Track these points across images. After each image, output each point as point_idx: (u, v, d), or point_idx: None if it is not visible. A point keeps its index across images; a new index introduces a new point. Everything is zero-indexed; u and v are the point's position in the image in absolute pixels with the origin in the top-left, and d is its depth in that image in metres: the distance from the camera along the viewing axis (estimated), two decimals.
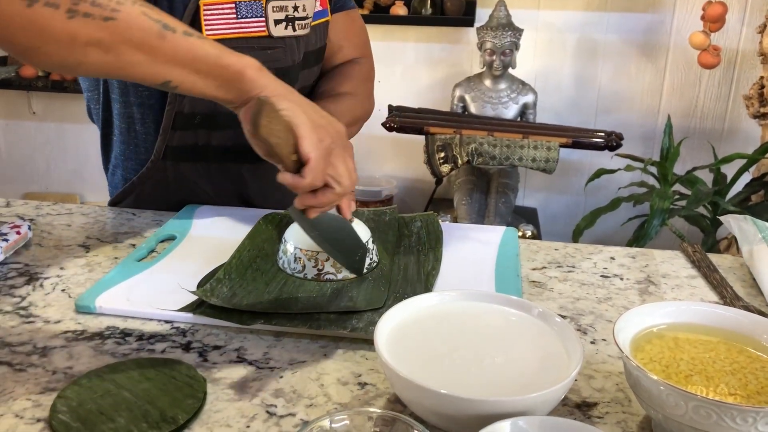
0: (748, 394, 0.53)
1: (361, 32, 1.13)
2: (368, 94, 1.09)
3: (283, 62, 0.96)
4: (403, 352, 0.59)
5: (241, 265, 0.81)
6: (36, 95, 2.87)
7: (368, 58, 1.13)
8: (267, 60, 0.87)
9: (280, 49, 0.95)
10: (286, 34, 0.95)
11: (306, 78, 1.05)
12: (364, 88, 1.08)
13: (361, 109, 1.05)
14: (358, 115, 1.03)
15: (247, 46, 0.91)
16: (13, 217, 1.00)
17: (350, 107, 1.00)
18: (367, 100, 1.08)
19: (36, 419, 0.57)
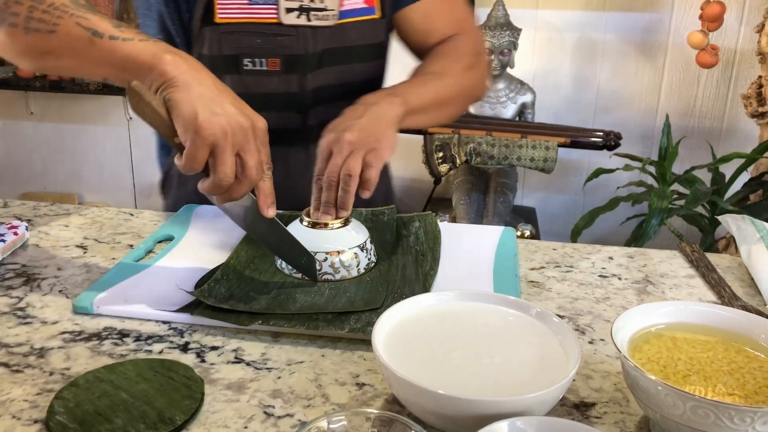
0: (746, 393, 0.53)
1: (449, 11, 1.08)
2: (462, 70, 1.02)
3: (294, 50, 0.97)
4: (401, 352, 0.59)
5: (239, 266, 0.81)
6: (34, 95, 2.87)
7: (465, 33, 1.08)
8: (277, 46, 0.96)
9: (291, 37, 0.96)
10: (299, 23, 0.96)
11: (354, 72, 1.03)
12: (457, 65, 1.01)
13: (451, 88, 1.00)
14: (446, 94, 0.99)
15: (257, 32, 0.95)
16: (10, 218, 1.00)
17: (429, 87, 0.96)
18: (460, 77, 1.01)
19: (33, 420, 0.57)
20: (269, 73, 0.97)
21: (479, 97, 1.08)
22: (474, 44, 1.07)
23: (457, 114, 1.05)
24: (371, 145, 0.79)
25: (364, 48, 1.03)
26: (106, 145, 2.92)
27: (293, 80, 0.99)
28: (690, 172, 2.24)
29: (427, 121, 0.97)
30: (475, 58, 1.05)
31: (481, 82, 1.07)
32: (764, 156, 2.13)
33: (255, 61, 0.96)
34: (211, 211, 1.01)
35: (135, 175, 2.94)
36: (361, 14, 1.02)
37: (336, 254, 0.79)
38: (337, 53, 1.01)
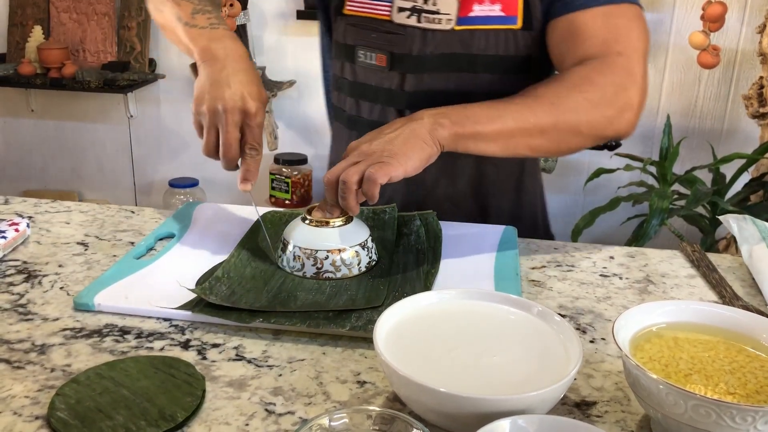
0: (747, 393, 0.53)
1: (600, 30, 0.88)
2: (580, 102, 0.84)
3: (400, 48, 0.98)
4: (403, 350, 0.59)
5: (240, 264, 0.81)
6: (35, 93, 2.86)
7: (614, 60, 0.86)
8: (385, 43, 0.99)
9: (399, 35, 0.97)
10: (409, 23, 0.97)
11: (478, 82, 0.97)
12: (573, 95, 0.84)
13: (545, 117, 0.82)
14: (532, 124, 0.82)
15: (373, 27, 0.99)
16: (11, 215, 1.00)
17: (505, 112, 0.82)
18: (569, 109, 0.83)
19: (34, 417, 0.57)
20: (376, 67, 1.01)
21: (609, 136, 0.86)
22: (619, 76, 0.85)
23: (557, 149, 0.87)
24: (380, 159, 0.74)
25: (493, 58, 0.96)
26: (107, 143, 2.91)
27: (394, 78, 1.00)
28: (691, 173, 2.24)
29: (500, 151, 0.83)
30: (613, 91, 0.85)
31: (612, 120, 0.85)
32: (765, 157, 2.12)
33: (367, 54, 1.01)
34: (212, 209, 1.01)
35: (135, 173, 2.94)
36: (495, 23, 0.95)
37: (337, 252, 0.79)
38: (457, 59, 0.97)
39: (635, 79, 0.86)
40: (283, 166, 2.65)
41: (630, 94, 0.85)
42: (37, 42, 2.68)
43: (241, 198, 3.09)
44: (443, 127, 0.79)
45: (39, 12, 2.73)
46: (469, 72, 0.97)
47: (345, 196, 0.75)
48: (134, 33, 2.67)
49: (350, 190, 0.74)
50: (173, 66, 2.74)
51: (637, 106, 0.86)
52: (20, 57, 2.70)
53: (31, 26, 2.71)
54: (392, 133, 0.78)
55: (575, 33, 0.90)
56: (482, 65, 0.97)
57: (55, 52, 2.63)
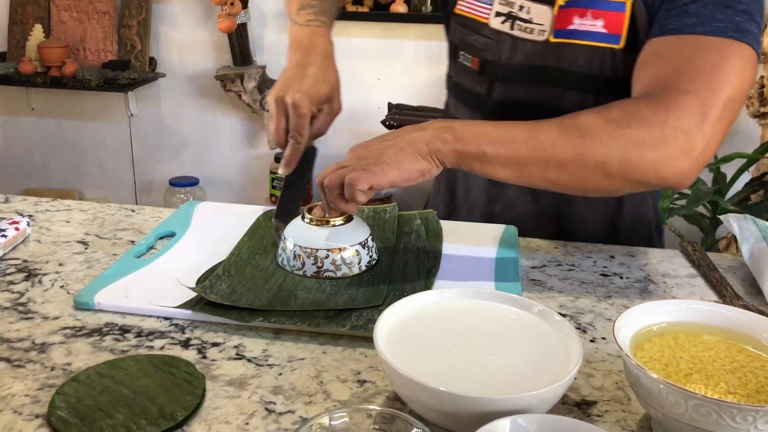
0: (747, 392, 0.53)
1: (666, 64, 0.76)
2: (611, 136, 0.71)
3: (490, 54, 0.96)
4: (403, 349, 0.59)
5: (240, 262, 0.81)
6: (35, 91, 2.86)
7: (667, 92, 0.73)
8: (480, 46, 0.98)
9: (492, 41, 0.96)
10: (502, 29, 0.94)
11: (567, 99, 0.91)
12: (605, 127, 0.72)
13: (565, 149, 0.72)
14: (547, 154, 0.72)
15: (473, 29, 0.98)
16: (12, 213, 1.00)
17: (518, 136, 0.73)
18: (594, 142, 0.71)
19: (35, 415, 0.57)
20: (469, 70, 1.00)
21: (652, 184, 0.73)
22: (680, 118, 0.71)
23: (581, 187, 0.74)
24: (365, 167, 0.72)
25: (587, 77, 0.89)
26: (107, 142, 2.91)
27: (483, 84, 0.99)
28: None
29: (513, 179, 0.75)
30: (664, 133, 0.71)
31: (655, 165, 0.71)
32: (766, 156, 2.12)
33: (465, 55, 1.01)
34: (212, 207, 1.01)
35: (136, 172, 2.94)
36: (596, 39, 0.87)
37: (338, 251, 0.79)
38: (547, 72, 0.91)
39: (703, 124, 0.71)
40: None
41: (690, 139, 0.71)
42: (37, 40, 2.68)
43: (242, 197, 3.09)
44: (445, 142, 0.73)
45: (39, 10, 2.73)
46: (558, 87, 0.92)
47: (329, 198, 0.75)
48: (135, 31, 2.66)
49: (332, 194, 0.75)
50: (174, 65, 2.74)
51: (695, 155, 0.71)
52: (21, 55, 2.70)
53: (32, 25, 2.71)
54: (390, 141, 0.76)
55: (656, 58, 0.78)
56: (574, 82, 0.90)
57: (56, 51, 2.63)
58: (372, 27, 2.58)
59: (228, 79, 2.58)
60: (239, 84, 2.57)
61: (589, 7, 0.87)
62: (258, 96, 2.60)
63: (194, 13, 2.69)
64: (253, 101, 2.60)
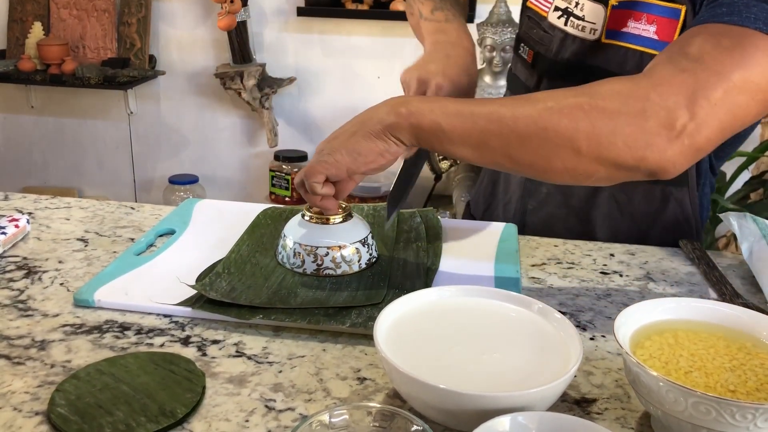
0: (747, 390, 0.53)
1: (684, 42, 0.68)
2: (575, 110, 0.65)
3: (543, 48, 0.97)
4: (403, 347, 0.59)
5: (240, 260, 0.81)
6: (35, 89, 2.86)
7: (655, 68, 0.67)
8: (537, 39, 0.99)
9: (547, 35, 0.97)
10: (557, 24, 0.95)
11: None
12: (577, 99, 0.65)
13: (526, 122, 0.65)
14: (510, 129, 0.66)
15: (537, 22, 0.99)
16: (11, 211, 1.00)
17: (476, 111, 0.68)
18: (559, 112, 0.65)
19: (34, 412, 0.57)
20: (525, 62, 1.02)
21: (629, 165, 0.64)
22: (671, 92, 0.63)
23: (548, 167, 0.67)
24: (318, 159, 0.71)
25: None
26: (107, 140, 2.91)
27: (533, 78, 0.99)
28: None
29: (474, 158, 0.69)
30: (647, 106, 0.63)
31: (634, 143, 0.63)
32: (765, 155, 2.12)
33: (524, 47, 1.02)
34: (212, 205, 1.01)
35: (135, 169, 2.94)
36: (647, 45, 0.85)
37: (337, 249, 0.79)
38: (594, 74, 0.78)
39: (693, 102, 0.62)
40: (283, 162, 2.64)
41: (673, 116, 0.62)
42: (37, 38, 2.67)
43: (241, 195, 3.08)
44: (399, 116, 0.68)
45: (39, 8, 2.72)
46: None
47: (305, 198, 0.76)
48: (134, 29, 2.66)
49: (302, 192, 0.75)
50: (173, 62, 2.74)
51: (680, 135, 0.62)
52: (20, 53, 2.70)
53: (31, 22, 2.71)
54: (345, 127, 0.73)
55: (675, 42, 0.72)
56: None
57: (55, 49, 2.62)
58: (372, 25, 2.58)
59: (228, 77, 2.58)
60: (239, 82, 2.57)
61: (644, 11, 0.85)
62: (258, 94, 2.60)
63: (194, 11, 2.69)
64: (252, 99, 2.60)
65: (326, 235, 0.80)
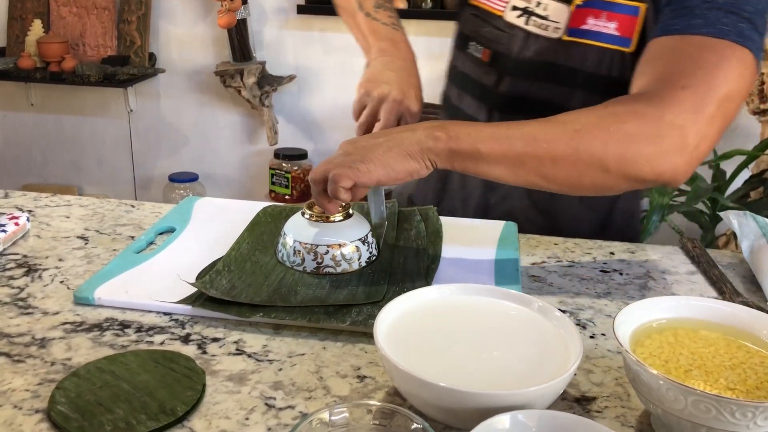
0: (747, 389, 0.53)
1: (674, 61, 0.75)
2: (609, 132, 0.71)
3: (502, 47, 0.98)
4: (403, 345, 0.59)
5: (240, 258, 0.81)
6: (34, 87, 2.86)
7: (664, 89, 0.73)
8: (492, 38, 1.00)
9: (505, 34, 0.97)
10: (517, 23, 0.95)
11: (575, 99, 0.92)
12: (602, 124, 0.71)
13: (560, 146, 0.71)
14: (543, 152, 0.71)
15: (487, 20, 1.00)
16: (11, 209, 1.00)
17: (512, 134, 0.72)
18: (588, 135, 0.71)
19: (35, 410, 0.57)
20: (479, 61, 1.01)
21: (648, 180, 0.72)
22: (676, 113, 0.70)
23: (578, 184, 0.73)
24: (351, 164, 0.71)
25: (595, 77, 0.90)
26: (107, 138, 2.91)
27: (492, 76, 1.00)
28: None
29: (508, 178, 0.73)
30: (660, 127, 0.71)
31: (650, 160, 0.70)
32: (765, 153, 2.12)
33: (476, 46, 1.02)
34: (212, 203, 1.01)
35: (135, 167, 2.94)
36: (607, 41, 0.89)
37: (337, 247, 0.79)
38: (556, 70, 0.92)
39: (697, 119, 0.70)
40: (283, 161, 2.64)
41: (684, 134, 0.70)
42: (36, 36, 2.67)
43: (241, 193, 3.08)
44: (438, 140, 0.72)
45: (39, 5, 2.72)
46: (566, 85, 0.92)
47: (314, 195, 0.75)
48: (134, 27, 2.66)
49: (317, 189, 0.74)
50: (173, 60, 2.74)
51: (690, 150, 0.71)
52: (20, 51, 2.69)
53: (31, 20, 2.70)
54: (380, 140, 0.75)
55: (658, 57, 0.77)
56: (582, 81, 0.91)
57: (55, 46, 2.62)
58: None
59: (227, 75, 2.58)
60: (239, 80, 2.57)
61: (604, 9, 0.88)
62: (258, 92, 2.60)
63: (194, 9, 2.68)
64: (252, 97, 2.60)
65: (326, 234, 0.80)
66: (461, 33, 1.06)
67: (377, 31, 0.95)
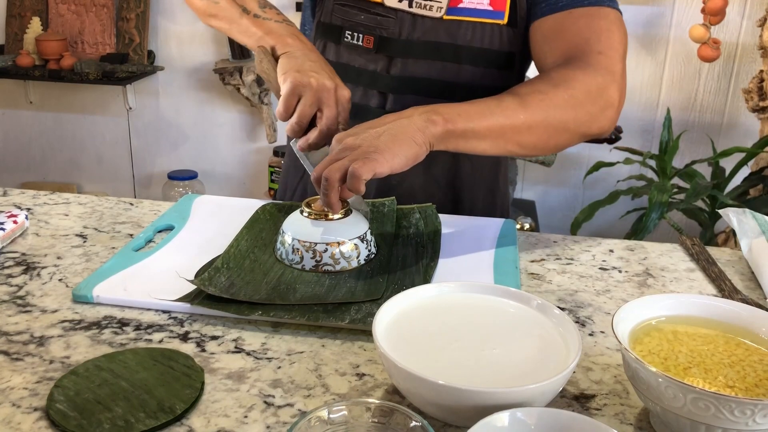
0: (746, 386, 0.53)
1: (574, 35, 0.90)
2: (563, 101, 0.83)
3: (389, 32, 1.00)
4: (402, 343, 0.59)
5: (239, 255, 0.81)
6: (33, 84, 2.86)
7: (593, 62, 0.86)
8: (375, 25, 1.01)
9: (389, 19, 0.99)
10: (400, 7, 0.99)
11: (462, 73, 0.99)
12: (557, 94, 0.83)
13: (532, 116, 0.81)
14: (521, 122, 0.81)
15: (363, 8, 1.00)
16: (10, 207, 1.00)
17: (493, 110, 0.80)
18: (553, 107, 0.83)
19: (33, 408, 0.57)
20: (363, 49, 1.02)
21: (593, 134, 0.86)
22: (601, 75, 0.85)
23: (545, 146, 0.85)
24: (365, 155, 0.72)
25: (478, 51, 0.98)
26: (106, 135, 2.91)
27: (381, 61, 1.01)
28: (690, 166, 2.24)
29: (490, 149, 0.81)
30: (595, 89, 0.85)
31: (596, 117, 0.85)
32: (765, 150, 2.12)
33: (354, 35, 1.02)
34: (211, 201, 1.00)
35: (134, 165, 2.93)
36: (481, 16, 0.97)
37: (336, 245, 0.79)
38: (442, 48, 0.99)
39: (615, 77, 0.86)
40: (282, 158, 2.64)
41: (611, 92, 0.86)
42: (35, 33, 2.67)
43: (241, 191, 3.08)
44: (435, 124, 0.76)
45: (37, 3, 2.72)
46: (453, 62, 0.99)
47: (326, 192, 0.73)
48: (133, 24, 2.66)
49: (332, 187, 0.73)
50: (172, 58, 2.74)
51: (617, 103, 0.86)
52: (19, 48, 2.69)
53: (30, 17, 2.70)
54: (381, 128, 0.76)
55: (559, 32, 0.92)
56: (466, 57, 0.99)
57: (54, 44, 2.62)
58: None
59: (227, 73, 2.57)
60: (238, 77, 2.56)
61: None
62: (257, 89, 2.60)
63: None
64: (251, 95, 2.60)
65: (325, 231, 0.79)
66: (328, 25, 1.03)
67: (273, 29, 0.93)
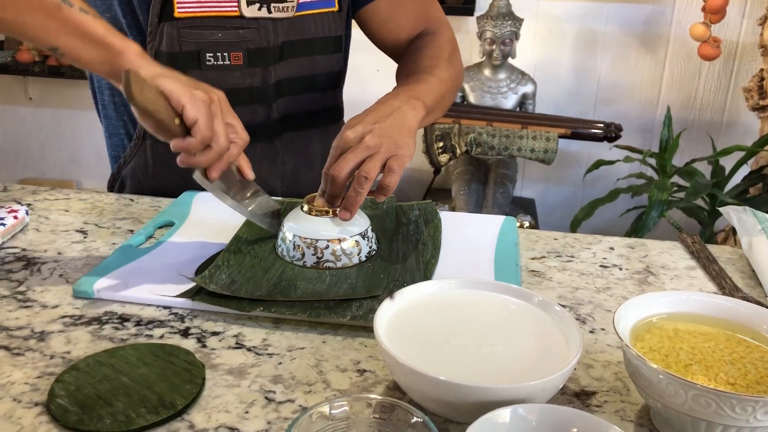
0: (747, 383, 0.53)
1: (413, 7, 1.08)
2: (448, 63, 1.00)
3: (256, 43, 0.97)
4: (403, 339, 0.59)
5: (240, 252, 0.81)
6: (33, 80, 2.85)
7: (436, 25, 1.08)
8: (239, 39, 0.96)
9: (253, 29, 0.96)
10: (259, 15, 0.96)
11: (315, 65, 1.05)
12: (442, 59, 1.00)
13: (444, 82, 0.96)
14: (444, 89, 0.95)
15: (218, 26, 0.94)
16: (10, 202, 0.99)
17: (433, 86, 0.92)
18: (447, 70, 0.99)
19: (34, 403, 0.57)
20: (232, 67, 0.97)
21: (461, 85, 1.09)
22: (448, 33, 1.08)
23: (443, 107, 1.00)
24: (393, 152, 0.76)
25: (323, 40, 1.05)
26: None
27: (256, 74, 0.99)
28: (690, 165, 2.24)
29: (431, 121, 0.95)
30: (453, 47, 1.06)
31: (462, 70, 1.07)
32: (764, 149, 2.13)
33: (217, 55, 0.96)
34: (211, 197, 1.00)
35: None
36: (320, 6, 1.03)
37: (337, 242, 0.79)
38: (297, 45, 1.02)
39: (449, 27, 1.09)
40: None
41: (454, 38, 1.08)
42: None
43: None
44: (421, 108, 0.84)
45: None
46: (306, 56, 1.03)
47: (362, 190, 0.75)
48: None
49: (369, 184, 0.75)
50: None
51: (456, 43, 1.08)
52: (18, 44, 2.69)
53: None
54: (386, 123, 0.79)
55: (398, 10, 1.06)
56: (316, 48, 1.04)
57: None
58: None
59: None
60: None
61: None
62: None
63: None
64: None
65: (326, 228, 0.79)
66: (176, 54, 0.93)
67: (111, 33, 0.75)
